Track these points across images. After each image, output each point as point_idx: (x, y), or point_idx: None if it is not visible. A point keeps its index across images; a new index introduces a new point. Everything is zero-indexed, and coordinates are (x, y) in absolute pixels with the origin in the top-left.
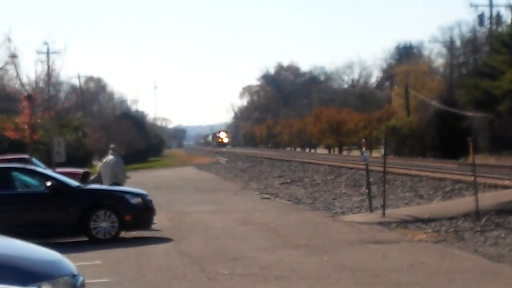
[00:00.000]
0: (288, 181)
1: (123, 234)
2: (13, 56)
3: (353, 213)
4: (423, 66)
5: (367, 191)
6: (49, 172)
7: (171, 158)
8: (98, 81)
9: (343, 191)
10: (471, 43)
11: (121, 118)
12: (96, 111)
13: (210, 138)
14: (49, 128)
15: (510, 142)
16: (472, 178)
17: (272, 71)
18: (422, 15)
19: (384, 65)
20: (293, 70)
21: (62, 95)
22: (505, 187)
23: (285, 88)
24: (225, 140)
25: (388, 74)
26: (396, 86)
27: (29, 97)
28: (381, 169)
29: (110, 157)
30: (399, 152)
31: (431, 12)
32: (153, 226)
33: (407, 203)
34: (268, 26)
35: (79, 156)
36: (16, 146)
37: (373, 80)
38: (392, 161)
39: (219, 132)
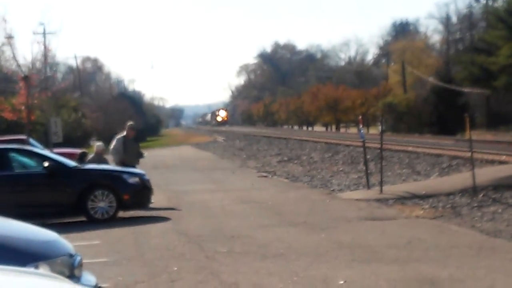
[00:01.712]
0: (286, 159)
1: (121, 213)
2: (9, 37)
3: (351, 190)
4: (419, 42)
5: (364, 168)
6: (46, 152)
7: (168, 137)
8: (95, 62)
9: (341, 169)
10: (467, 19)
11: (118, 98)
12: (93, 91)
13: (208, 117)
14: (46, 109)
15: (507, 117)
16: (469, 154)
17: (269, 49)
18: None
19: (381, 42)
20: (289, 48)
21: (59, 75)
22: (502, 162)
23: (282, 66)
24: (225, 118)
25: (385, 51)
26: (392, 63)
27: (26, 78)
28: (378, 146)
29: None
30: (396, 129)
31: None
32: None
33: (404, 180)
34: (265, 5)
35: (77, 137)
36: (14, 127)
37: (370, 57)
38: (389, 138)
39: (219, 110)
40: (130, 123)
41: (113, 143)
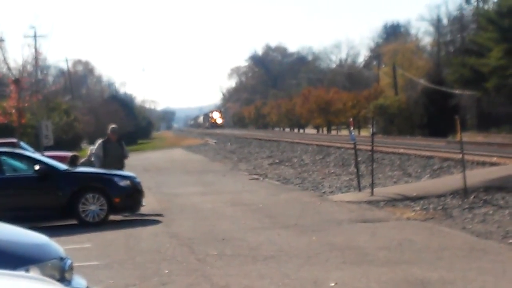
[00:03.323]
0: (277, 161)
1: (112, 216)
2: (0, 40)
3: (342, 193)
4: (410, 44)
5: (355, 170)
6: (37, 155)
7: (160, 140)
8: (86, 64)
9: (332, 171)
10: (458, 21)
11: (109, 101)
12: (84, 94)
13: (201, 119)
14: (37, 112)
15: (498, 119)
16: (460, 156)
17: (260, 52)
18: None
19: (372, 44)
20: (281, 50)
21: (50, 78)
22: (493, 164)
23: (273, 68)
24: (219, 120)
25: (376, 53)
26: (383, 65)
27: (17, 81)
28: (369, 148)
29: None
30: (387, 131)
31: None
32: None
33: (395, 182)
34: (256, 7)
35: (68, 140)
36: (4, 130)
37: (361, 59)
38: (380, 140)
39: (212, 112)
40: (112, 126)
41: (95, 148)
